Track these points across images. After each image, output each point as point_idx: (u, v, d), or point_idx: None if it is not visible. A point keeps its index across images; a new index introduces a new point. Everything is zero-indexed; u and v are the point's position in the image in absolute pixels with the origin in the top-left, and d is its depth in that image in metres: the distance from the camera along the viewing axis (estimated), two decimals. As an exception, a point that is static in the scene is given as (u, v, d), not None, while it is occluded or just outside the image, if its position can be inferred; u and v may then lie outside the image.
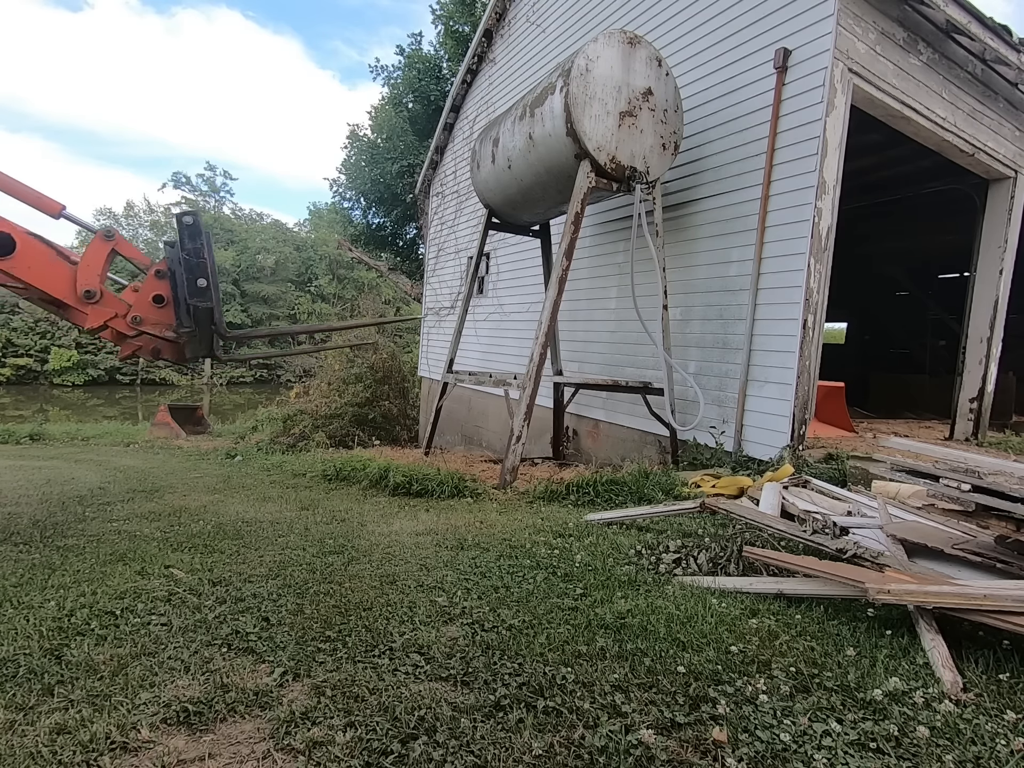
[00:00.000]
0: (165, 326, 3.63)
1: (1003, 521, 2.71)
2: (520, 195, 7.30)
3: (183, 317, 3.60)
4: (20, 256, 3.34)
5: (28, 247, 3.39)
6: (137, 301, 3.57)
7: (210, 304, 3.49)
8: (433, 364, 13.60)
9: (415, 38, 21.87)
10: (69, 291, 3.48)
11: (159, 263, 3.69)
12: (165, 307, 3.61)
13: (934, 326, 14.70)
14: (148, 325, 3.60)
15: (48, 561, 3.47)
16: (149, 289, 3.63)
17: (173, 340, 3.65)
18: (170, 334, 3.63)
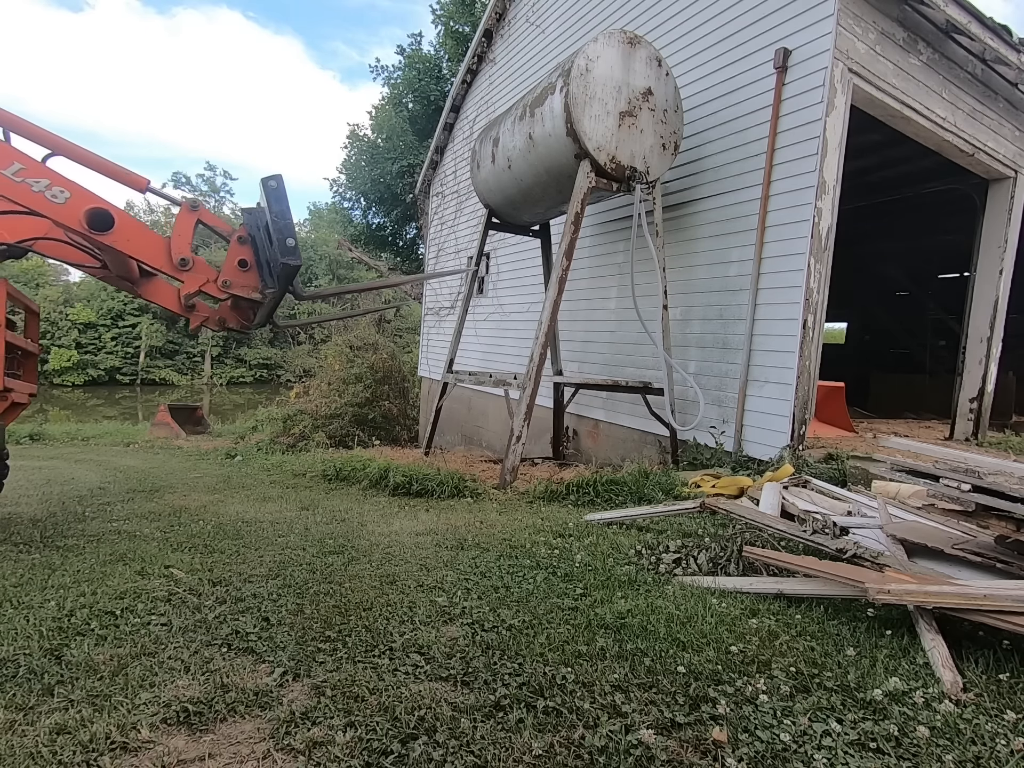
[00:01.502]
0: (251, 288, 3.80)
1: (1003, 521, 2.71)
2: (520, 195, 7.30)
3: (267, 279, 3.77)
4: (119, 231, 3.55)
5: (125, 222, 3.59)
6: (225, 266, 3.77)
7: (300, 262, 3.63)
8: (433, 364, 13.60)
9: (415, 38, 21.90)
10: (165, 260, 3.68)
11: (240, 229, 3.85)
12: (249, 271, 3.79)
13: (934, 326, 14.71)
14: (236, 288, 3.78)
15: (48, 561, 3.47)
16: (234, 254, 3.80)
17: (258, 301, 3.85)
18: (256, 295, 3.81)
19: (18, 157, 3.44)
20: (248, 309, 4.28)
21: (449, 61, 20.75)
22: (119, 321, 42.05)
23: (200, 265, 3.77)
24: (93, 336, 40.60)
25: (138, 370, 42.14)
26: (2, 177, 3.39)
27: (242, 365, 46.27)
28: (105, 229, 3.50)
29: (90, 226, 3.48)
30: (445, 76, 20.58)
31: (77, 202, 3.48)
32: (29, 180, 3.42)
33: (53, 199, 3.45)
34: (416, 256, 23.49)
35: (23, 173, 3.41)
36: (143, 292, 4.22)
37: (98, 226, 3.49)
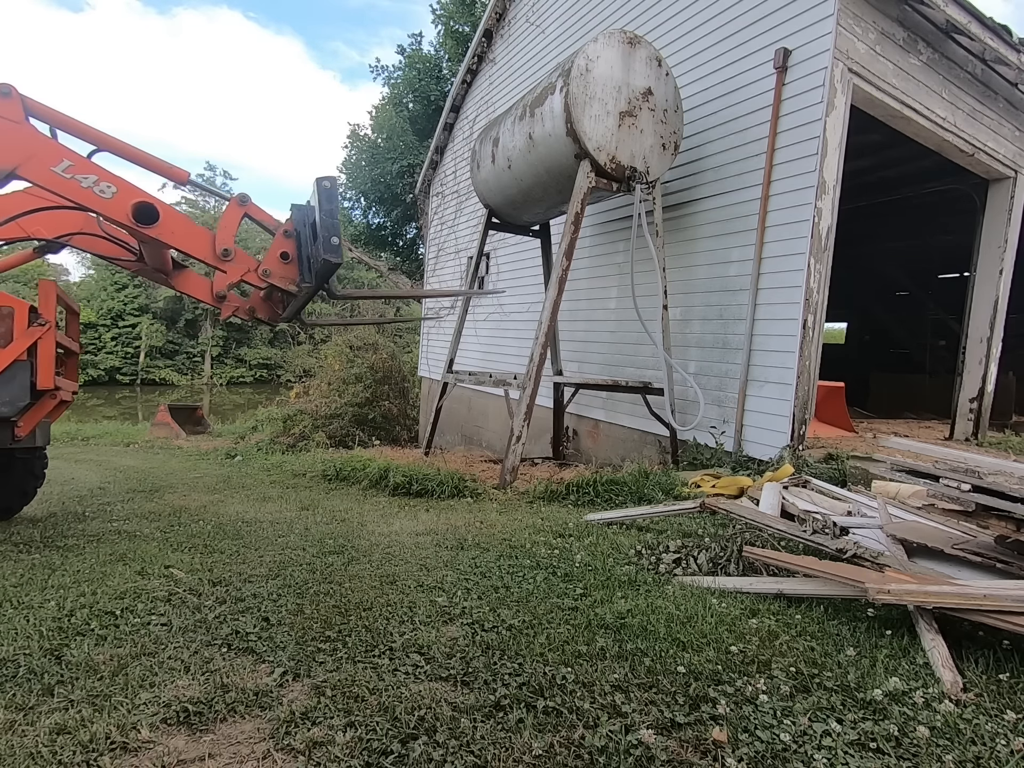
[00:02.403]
0: (289, 280, 3.93)
1: (1003, 521, 2.71)
2: (520, 195, 7.30)
3: (305, 273, 3.90)
4: (164, 223, 3.66)
5: (169, 215, 3.71)
6: (267, 256, 3.91)
7: (340, 261, 3.75)
8: (433, 364, 13.60)
9: (415, 38, 21.89)
10: (209, 251, 3.80)
11: (286, 223, 3.99)
12: (290, 263, 3.91)
13: (934, 326, 14.71)
14: (275, 278, 3.90)
15: (48, 561, 3.47)
16: (277, 247, 3.93)
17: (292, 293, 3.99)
18: (292, 287, 3.95)
19: (67, 154, 3.55)
20: (279, 302, 4.43)
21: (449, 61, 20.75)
22: (119, 321, 42.05)
23: (241, 255, 3.90)
24: (93, 336, 40.60)
25: (138, 370, 42.13)
26: (53, 174, 3.49)
27: (242, 365, 46.27)
28: (151, 222, 3.62)
29: (137, 219, 3.59)
30: (445, 76, 20.58)
31: (124, 197, 3.58)
32: (78, 176, 3.52)
33: (101, 194, 3.56)
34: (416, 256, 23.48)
35: (72, 170, 3.52)
36: (176, 283, 4.42)
37: (144, 219, 3.60)
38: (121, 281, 43.05)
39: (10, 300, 4.03)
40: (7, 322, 3.93)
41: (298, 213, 4.00)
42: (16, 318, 3.97)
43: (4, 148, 3.41)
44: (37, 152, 3.49)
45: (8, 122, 3.42)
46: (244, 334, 46.86)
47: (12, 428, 4.06)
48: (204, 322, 45.71)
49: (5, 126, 3.42)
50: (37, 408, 4.17)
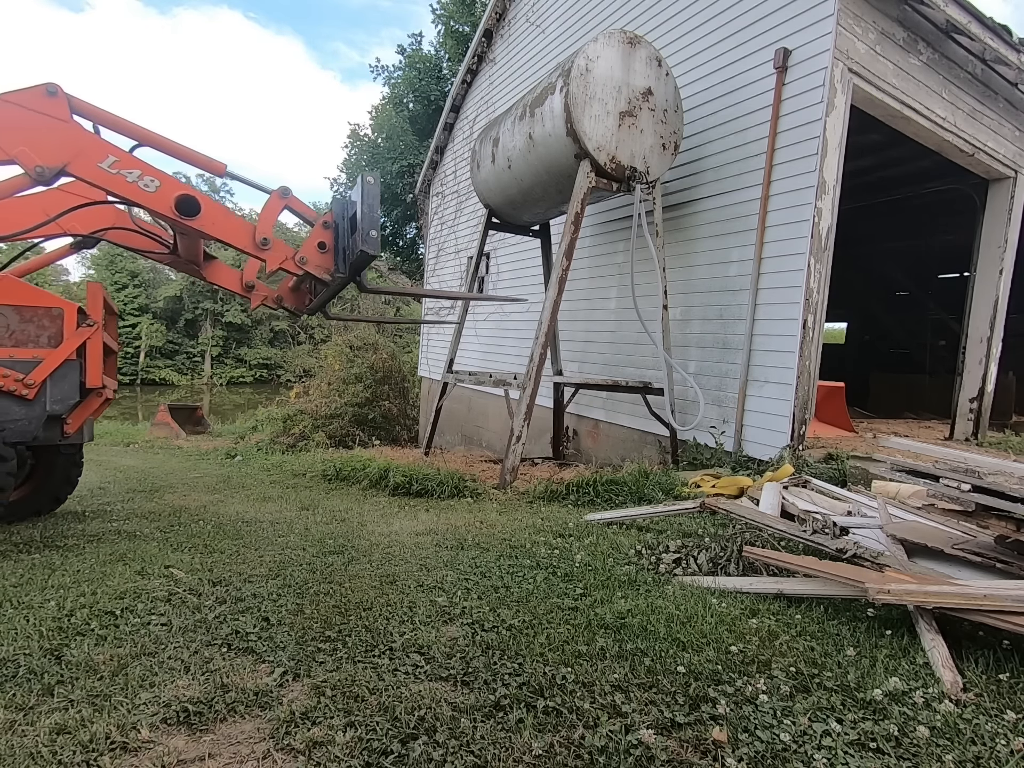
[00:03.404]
0: (324, 269, 4.06)
1: (1003, 521, 2.71)
2: (520, 195, 7.30)
3: (340, 264, 4.05)
4: (205, 215, 3.80)
5: (210, 207, 3.84)
6: (305, 245, 4.06)
7: (377, 254, 3.89)
8: (433, 364, 13.60)
9: (415, 38, 21.89)
10: (248, 241, 3.94)
11: (326, 215, 4.15)
12: (326, 253, 4.05)
13: (934, 326, 14.71)
14: (311, 266, 4.03)
15: (48, 561, 3.47)
16: (316, 236, 4.07)
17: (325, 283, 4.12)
18: (326, 276, 4.08)
19: (111, 150, 3.66)
20: (306, 293, 4.58)
21: (449, 61, 20.75)
22: (119, 321, 42.06)
23: (278, 244, 4.03)
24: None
25: (138, 370, 42.15)
26: (100, 170, 3.61)
27: (242, 365, 46.30)
28: (193, 214, 3.74)
29: (180, 212, 3.70)
30: (445, 76, 20.59)
31: (167, 190, 3.69)
32: (123, 172, 3.63)
33: (145, 188, 3.67)
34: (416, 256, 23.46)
35: (117, 165, 3.63)
36: (207, 274, 4.55)
37: (186, 211, 3.72)
38: (121, 281, 43.07)
39: (60, 302, 4.16)
40: (57, 323, 4.07)
41: (338, 206, 4.15)
42: (66, 319, 4.10)
43: (55, 146, 3.52)
44: (85, 149, 3.59)
45: (56, 121, 3.54)
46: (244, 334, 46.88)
47: (62, 425, 4.20)
48: (204, 322, 45.71)
49: (54, 125, 3.54)
50: (85, 405, 4.31)
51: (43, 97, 3.54)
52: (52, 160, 3.53)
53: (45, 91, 3.54)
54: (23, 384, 3.89)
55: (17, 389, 3.87)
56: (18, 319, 3.97)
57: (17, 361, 3.91)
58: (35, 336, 4.00)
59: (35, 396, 3.96)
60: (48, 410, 4.04)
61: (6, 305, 3.95)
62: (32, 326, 4.00)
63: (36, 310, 4.04)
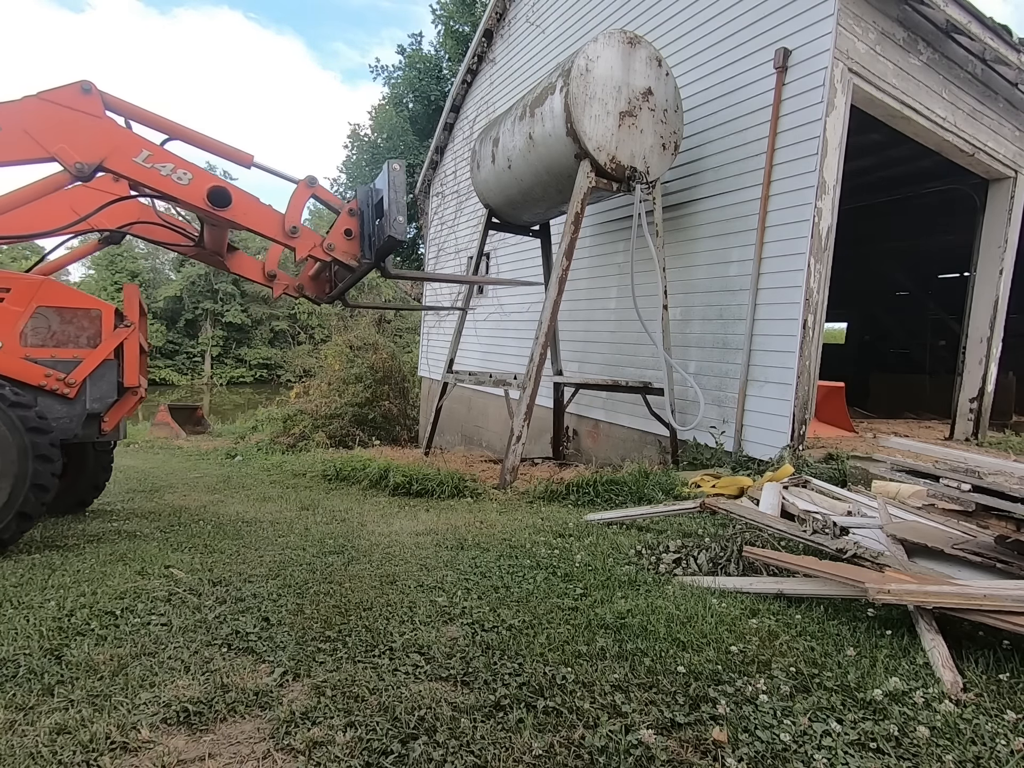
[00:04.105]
0: (351, 255, 4.19)
1: (1003, 521, 2.71)
2: (520, 195, 7.30)
3: (366, 250, 4.17)
4: (236, 205, 3.91)
5: (240, 198, 3.94)
6: (332, 232, 4.17)
7: (404, 239, 3.98)
8: (433, 364, 13.60)
9: (415, 38, 21.92)
10: (278, 229, 4.04)
11: (351, 203, 4.26)
12: (352, 240, 4.19)
13: (934, 326, 14.71)
14: (338, 252, 4.15)
15: (48, 561, 3.47)
16: (342, 224, 4.20)
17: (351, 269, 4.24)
18: (353, 262, 4.20)
19: (145, 145, 3.76)
20: (326, 282, 4.70)
21: (449, 61, 20.76)
22: (119, 321, 42.03)
23: (307, 232, 4.13)
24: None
25: (138, 370, 42.05)
26: (135, 164, 3.70)
27: (242, 365, 46.30)
28: (225, 205, 3.85)
29: (212, 203, 3.80)
30: (445, 76, 20.59)
31: (199, 182, 3.80)
32: (157, 165, 3.73)
33: (179, 181, 3.78)
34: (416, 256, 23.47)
35: (151, 159, 3.73)
36: (230, 264, 4.69)
37: (218, 202, 3.83)
38: (121, 281, 43.04)
39: (98, 303, 4.25)
40: (96, 324, 4.17)
41: (362, 194, 4.25)
42: (103, 320, 4.20)
43: (92, 142, 3.61)
44: (120, 145, 3.68)
45: (92, 117, 3.63)
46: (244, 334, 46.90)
47: (100, 423, 4.31)
48: (204, 322, 45.73)
49: (89, 122, 3.62)
50: (121, 404, 4.43)
51: (78, 95, 3.62)
52: (90, 156, 3.60)
53: (80, 89, 3.62)
54: (64, 383, 3.99)
55: (59, 388, 3.97)
56: (59, 320, 4.06)
57: (59, 361, 4.01)
58: (75, 337, 4.10)
59: (76, 395, 4.05)
60: (88, 408, 4.13)
61: (48, 307, 4.02)
62: (72, 327, 4.09)
63: (76, 311, 4.12)
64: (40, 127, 3.53)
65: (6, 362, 3.81)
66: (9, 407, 3.54)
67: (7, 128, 3.50)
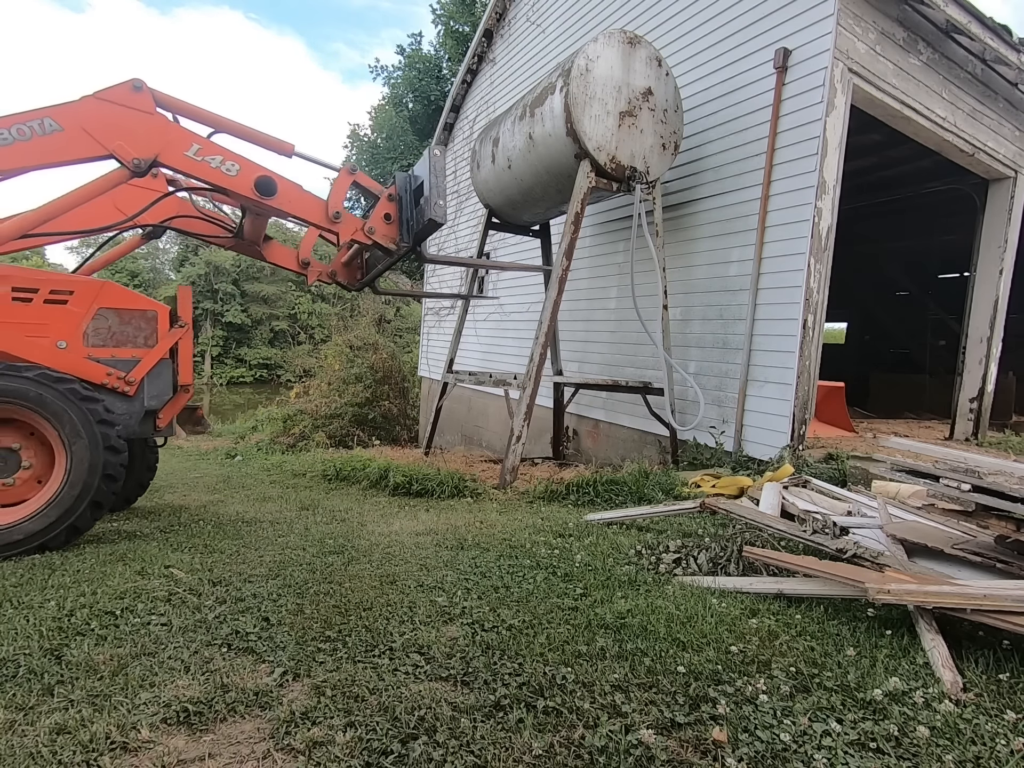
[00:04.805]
0: (390, 239, 4.37)
1: (1003, 521, 2.71)
2: (520, 195, 7.29)
3: (404, 234, 4.33)
4: (282, 194, 4.05)
5: (285, 186, 4.08)
6: (372, 216, 4.35)
7: (444, 222, 4.13)
8: (433, 364, 13.60)
9: (415, 38, 21.92)
10: (322, 215, 4.19)
11: (391, 188, 4.41)
12: (392, 224, 4.37)
13: (934, 326, 14.70)
14: (378, 235, 4.33)
15: (48, 561, 3.47)
16: (382, 208, 4.37)
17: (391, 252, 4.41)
18: (392, 246, 4.37)
19: (195, 139, 3.90)
20: (358, 268, 4.91)
21: (449, 61, 20.76)
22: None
23: (348, 217, 4.28)
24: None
25: (138, 370, 42.08)
26: (187, 158, 3.84)
27: (242, 365, 46.27)
28: (271, 194, 4.00)
29: (259, 192, 3.95)
30: (445, 76, 20.59)
31: (247, 173, 3.94)
32: (207, 158, 3.87)
33: (228, 172, 3.92)
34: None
35: (201, 152, 3.88)
36: (266, 253, 4.90)
37: (265, 191, 3.98)
38: (121, 281, 43.01)
39: (154, 304, 4.38)
40: (152, 324, 4.32)
41: (401, 180, 4.39)
42: (159, 321, 4.35)
43: (146, 138, 3.75)
44: (172, 139, 3.83)
45: (144, 114, 3.77)
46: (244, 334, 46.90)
47: (155, 420, 4.47)
48: (204, 322, 45.73)
49: (143, 118, 3.76)
50: (175, 401, 4.61)
51: (131, 92, 3.75)
52: (146, 152, 3.75)
53: (132, 87, 3.76)
54: (125, 382, 4.16)
55: (120, 386, 4.14)
56: (118, 321, 4.21)
57: (119, 360, 4.18)
58: (133, 337, 4.26)
59: (135, 393, 4.23)
60: (146, 405, 4.30)
61: (108, 308, 4.16)
62: (130, 328, 4.25)
63: (133, 313, 4.26)
64: (98, 125, 3.67)
65: (71, 361, 3.96)
66: (81, 401, 3.72)
67: (69, 128, 3.64)
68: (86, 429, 3.71)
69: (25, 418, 3.67)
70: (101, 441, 3.76)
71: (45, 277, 4.10)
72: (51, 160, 3.67)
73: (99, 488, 3.77)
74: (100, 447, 3.75)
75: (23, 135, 3.56)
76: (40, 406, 3.61)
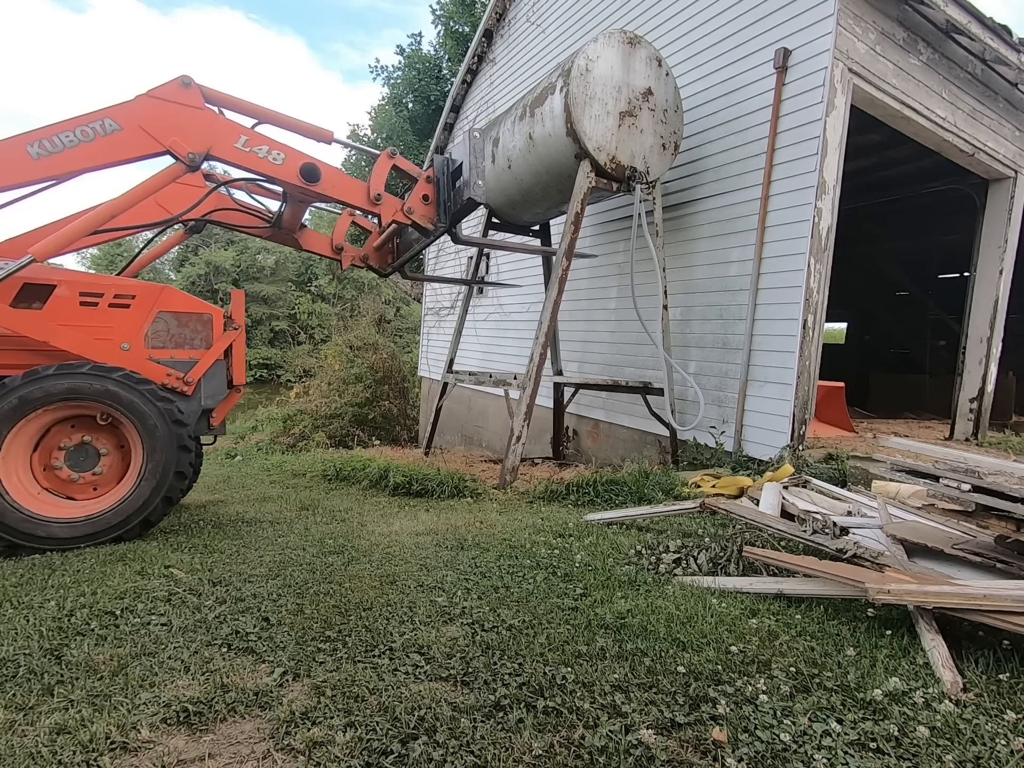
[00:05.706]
0: (428, 219, 4.53)
1: (1003, 521, 2.71)
2: (520, 195, 7.29)
3: (441, 215, 4.47)
4: (326, 179, 4.19)
5: (329, 172, 4.23)
6: (411, 197, 4.53)
7: (483, 201, 4.30)
8: (433, 364, 13.60)
9: (415, 38, 21.90)
10: (364, 198, 4.36)
11: (428, 171, 4.60)
12: (429, 205, 4.52)
13: (934, 326, 14.70)
14: (417, 215, 4.48)
15: (48, 561, 3.47)
16: (420, 190, 4.53)
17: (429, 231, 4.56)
18: (429, 226, 4.51)
19: (242, 131, 4.02)
20: (389, 252, 5.13)
21: (449, 61, 20.75)
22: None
23: (389, 198, 4.44)
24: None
25: (138, 370, 42.05)
26: (236, 150, 3.97)
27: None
28: (316, 180, 4.13)
29: (304, 178, 4.10)
30: (445, 76, 20.59)
31: (291, 161, 4.09)
32: (254, 149, 4.00)
33: (274, 161, 4.06)
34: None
35: (248, 143, 4.00)
36: (302, 241, 5.09)
37: (310, 178, 4.12)
38: (121, 281, 43.02)
39: (209, 308, 4.51)
40: (208, 327, 4.47)
41: (439, 162, 4.56)
42: (214, 323, 4.49)
43: (198, 133, 3.89)
44: (221, 133, 3.97)
45: (195, 109, 3.91)
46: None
47: (209, 418, 4.60)
48: (204, 322, 45.67)
49: (194, 113, 3.90)
50: (227, 400, 4.74)
51: (181, 89, 3.89)
52: (199, 146, 3.88)
53: (181, 83, 3.89)
54: (183, 382, 4.30)
55: (179, 387, 4.29)
56: (176, 324, 4.35)
57: (178, 361, 4.34)
58: (190, 339, 4.41)
59: (192, 393, 4.36)
60: (203, 405, 4.43)
61: (167, 312, 4.31)
62: (187, 330, 4.39)
63: (190, 316, 4.40)
64: (154, 123, 3.80)
65: (134, 362, 4.09)
66: (159, 401, 3.93)
67: (128, 127, 3.76)
68: (163, 428, 3.91)
69: (110, 416, 3.86)
70: (175, 440, 3.96)
71: (110, 282, 4.25)
72: (113, 159, 3.79)
73: (171, 485, 3.99)
74: (174, 446, 3.96)
75: (87, 136, 3.70)
76: (127, 407, 3.82)
